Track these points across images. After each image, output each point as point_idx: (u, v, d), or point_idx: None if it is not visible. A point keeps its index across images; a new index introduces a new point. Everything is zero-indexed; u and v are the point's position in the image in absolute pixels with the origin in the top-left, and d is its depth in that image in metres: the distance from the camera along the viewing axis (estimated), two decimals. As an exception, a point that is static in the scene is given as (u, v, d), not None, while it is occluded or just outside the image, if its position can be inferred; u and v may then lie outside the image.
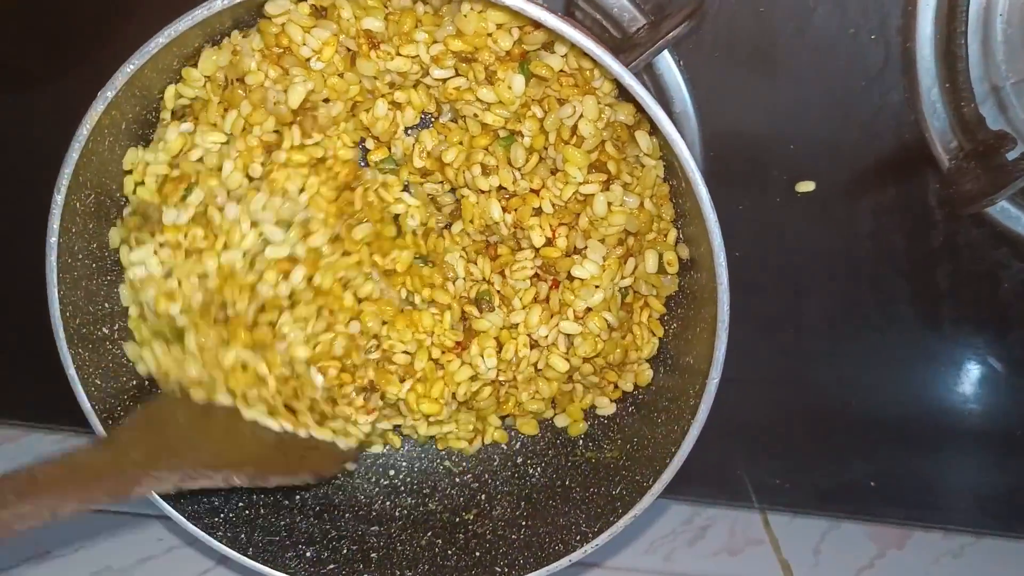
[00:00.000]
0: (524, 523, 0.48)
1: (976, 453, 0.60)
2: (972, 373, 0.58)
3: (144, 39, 0.50)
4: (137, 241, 0.44)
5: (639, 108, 0.39)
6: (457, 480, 0.53)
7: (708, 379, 0.40)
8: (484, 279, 0.48)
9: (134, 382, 0.45)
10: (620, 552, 0.57)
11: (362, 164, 0.48)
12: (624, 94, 0.44)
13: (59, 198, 0.39)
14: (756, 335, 0.56)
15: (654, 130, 0.44)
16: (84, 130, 0.37)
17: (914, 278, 0.56)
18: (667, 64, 0.52)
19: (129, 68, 0.35)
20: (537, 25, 0.37)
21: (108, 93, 0.36)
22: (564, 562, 0.44)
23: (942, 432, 0.59)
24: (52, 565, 0.52)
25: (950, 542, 0.60)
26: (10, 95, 0.56)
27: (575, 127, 0.44)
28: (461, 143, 0.46)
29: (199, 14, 0.34)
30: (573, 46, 0.39)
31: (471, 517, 0.50)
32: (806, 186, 0.54)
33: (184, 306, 0.44)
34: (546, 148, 0.45)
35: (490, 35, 0.43)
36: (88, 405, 0.42)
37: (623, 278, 0.46)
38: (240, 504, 0.47)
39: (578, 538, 0.45)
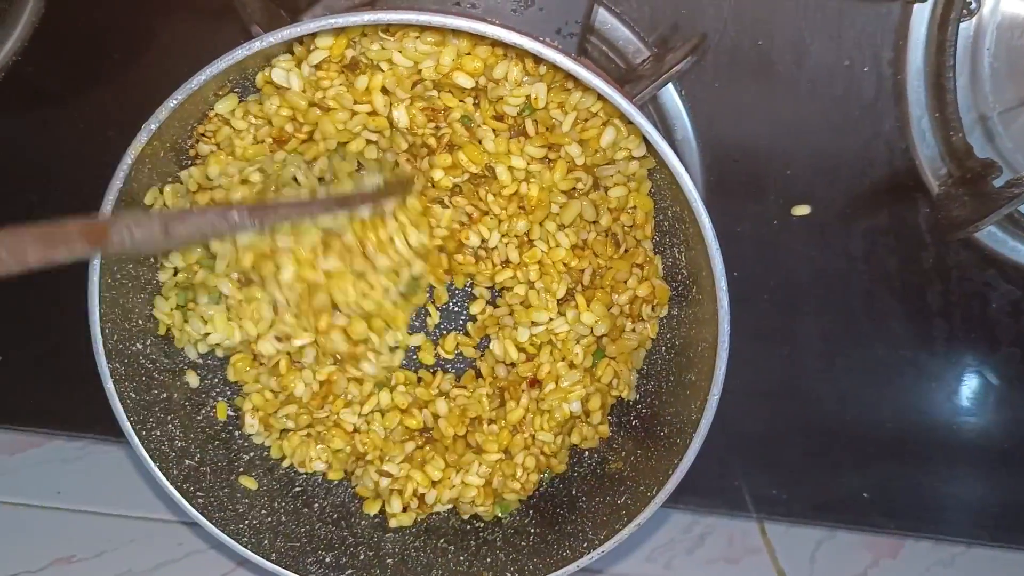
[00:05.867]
0: (533, 531, 0.50)
1: (967, 465, 0.61)
2: (962, 388, 0.60)
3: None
4: (208, 320, 0.46)
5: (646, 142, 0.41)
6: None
7: (709, 395, 0.42)
8: None
9: (164, 395, 0.47)
10: (622, 560, 0.58)
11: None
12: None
13: (102, 222, 0.40)
14: (754, 350, 0.58)
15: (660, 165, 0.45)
16: (128, 159, 0.38)
17: (906, 298, 0.57)
18: (669, 93, 0.53)
19: (173, 102, 0.37)
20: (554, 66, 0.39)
21: (152, 125, 0.37)
22: (572, 568, 0.46)
23: (934, 445, 0.61)
24: (76, 569, 0.53)
25: (941, 552, 0.61)
26: (35, 112, 0.57)
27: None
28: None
29: (239, 54, 0.36)
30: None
31: (482, 524, 0.51)
32: (802, 209, 0.56)
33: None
34: None
35: None
36: (124, 416, 0.44)
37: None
38: (263, 512, 0.49)
39: (584, 545, 0.46)
